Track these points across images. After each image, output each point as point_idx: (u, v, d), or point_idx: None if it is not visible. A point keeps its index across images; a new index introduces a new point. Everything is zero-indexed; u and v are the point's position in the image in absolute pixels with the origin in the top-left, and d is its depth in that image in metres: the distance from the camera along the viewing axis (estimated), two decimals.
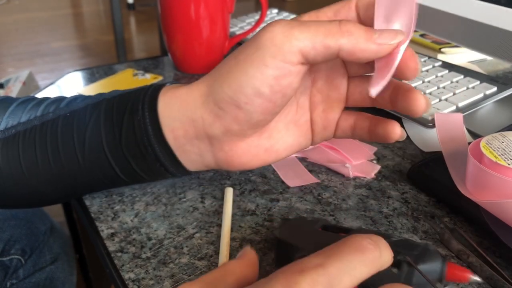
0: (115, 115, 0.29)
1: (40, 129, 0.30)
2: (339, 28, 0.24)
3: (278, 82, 0.25)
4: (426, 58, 0.55)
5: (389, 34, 0.24)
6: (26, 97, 0.34)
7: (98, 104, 0.31)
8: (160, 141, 0.29)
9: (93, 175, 0.31)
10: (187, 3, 0.54)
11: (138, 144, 0.29)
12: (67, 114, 0.31)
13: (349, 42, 0.23)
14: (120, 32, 1.83)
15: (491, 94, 0.46)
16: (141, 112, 0.29)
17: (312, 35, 0.24)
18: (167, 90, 0.29)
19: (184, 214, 0.34)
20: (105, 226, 0.33)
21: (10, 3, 3.10)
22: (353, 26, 0.24)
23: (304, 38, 0.24)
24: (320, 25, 0.24)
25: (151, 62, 0.63)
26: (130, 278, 0.29)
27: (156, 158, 0.29)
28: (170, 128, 0.28)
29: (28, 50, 2.33)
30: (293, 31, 0.24)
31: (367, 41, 0.24)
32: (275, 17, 0.73)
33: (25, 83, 1.54)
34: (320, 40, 0.24)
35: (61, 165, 0.30)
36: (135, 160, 0.30)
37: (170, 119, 0.28)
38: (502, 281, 0.28)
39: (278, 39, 0.24)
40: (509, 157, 0.31)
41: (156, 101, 0.29)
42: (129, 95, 0.30)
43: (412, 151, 0.42)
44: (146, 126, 0.28)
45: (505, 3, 0.42)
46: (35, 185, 0.31)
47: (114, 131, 0.29)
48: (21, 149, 0.30)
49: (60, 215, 0.70)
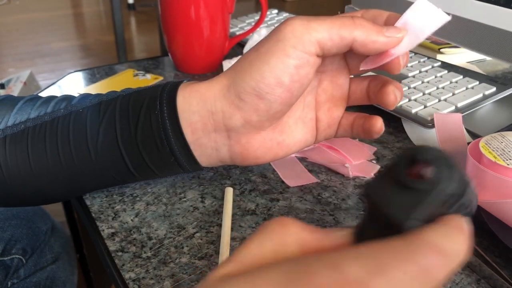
0: (131, 110, 0.30)
1: (51, 125, 0.31)
2: (352, 21, 0.27)
3: (297, 71, 0.27)
4: (426, 58, 0.55)
5: (394, 29, 0.27)
6: (33, 95, 0.34)
7: (112, 100, 0.31)
8: (178, 134, 0.30)
9: (104, 170, 0.31)
10: (187, 4, 0.54)
11: (155, 138, 0.30)
12: (80, 110, 0.31)
13: (362, 34, 0.26)
14: (121, 32, 1.83)
15: (490, 95, 0.46)
16: (159, 107, 0.30)
17: (329, 27, 0.26)
18: (186, 85, 0.31)
19: (185, 213, 0.34)
20: (105, 226, 0.33)
21: (11, 3, 3.10)
22: (364, 20, 0.27)
23: (322, 30, 0.26)
24: (335, 18, 0.27)
25: (151, 63, 0.63)
26: (131, 277, 0.29)
27: (172, 152, 0.30)
28: (188, 122, 0.30)
29: (28, 50, 2.33)
30: (311, 23, 0.26)
31: (378, 34, 0.27)
32: (275, 18, 0.73)
33: (26, 83, 1.54)
34: (336, 32, 0.26)
35: (72, 160, 0.30)
36: (149, 155, 0.31)
37: (189, 112, 0.30)
38: (501, 280, 0.28)
39: (299, 30, 0.26)
40: (508, 157, 0.31)
41: (175, 96, 0.30)
42: (146, 91, 0.31)
43: None
44: (164, 120, 0.30)
45: (504, 3, 0.42)
46: (42, 181, 0.31)
47: (130, 126, 0.30)
48: (30, 145, 0.30)
49: (61, 214, 0.70)
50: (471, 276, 0.29)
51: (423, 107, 0.45)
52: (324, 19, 0.27)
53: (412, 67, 0.53)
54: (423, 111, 0.44)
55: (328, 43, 0.27)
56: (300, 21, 0.27)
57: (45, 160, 0.30)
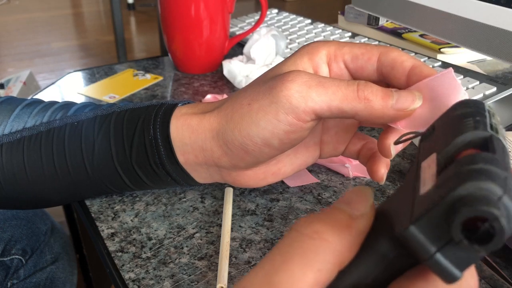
0: (125, 130, 0.30)
1: (46, 136, 0.30)
2: (356, 94, 0.23)
3: (288, 136, 0.25)
4: (426, 58, 0.55)
5: (406, 99, 0.23)
6: (31, 99, 0.34)
7: (107, 116, 0.31)
8: (172, 160, 0.30)
9: (101, 183, 0.31)
10: (187, 4, 0.54)
11: (149, 161, 0.30)
12: (75, 123, 0.31)
13: (365, 110, 0.23)
14: (121, 32, 1.83)
15: (491, 94, 0.46)
16: (153, 132, 0.29)
17: (330, 99, 0.24)
18: (179, 115, 0.29)
19: (184, 214, 0.34)
20: (105, 226, 0.33)
21: (10, 3, 3.10)
22: (371, 92, 0.23)
23: (321, 102, 0.24)
24: (339, 88, 0.24)
25: (151, 62, 0.63)
26: (130, 278, 0.29)
27: (168, 174, 0.31)
28: (181, 151, 0.29)
29: (28, 50, 2.33)
30: (310, 92, 0.24)
31: (383, 108, 0.23)
32: (275, 17, 0.73)
33: (26, 83, 1.54)
34: (336, 105, 0.24)
35: (68, 173, 0.30)
36: (145, 174, 0.31)
37: (182, 143, 0.29)
38: (501, 281, 0.28)
39: (295, 98, 0.24)
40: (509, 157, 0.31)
41: (169, 125, 0.29)
42: (140, 111, 0.31)
43: (412, 151, 0.42)
44: (158, 147, 0.29)
45: (505, 3, 0.42)
46: (38, 189, 0.31)
47: (125, 147, 0.30)
48: (26, 155, 0.30)
49: (61, 215, 0.70)
50: None
51: None
52: (326, 87, 0.24)
53: None
54: None
55: (326, 113, 0.24)
56: (299, 87, 0.24)
57: (41, 171, 0.30)
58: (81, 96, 0.54)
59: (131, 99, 0.53)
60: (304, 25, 0.69)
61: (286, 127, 0.25)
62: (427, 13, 0.49)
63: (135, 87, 0.56)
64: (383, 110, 0.23)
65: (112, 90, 0.55)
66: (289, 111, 0.24)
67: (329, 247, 0.14)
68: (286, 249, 0.14)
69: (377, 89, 0.24)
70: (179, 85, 0.57)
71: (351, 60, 0.26)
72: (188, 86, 0.56)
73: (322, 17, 0.77)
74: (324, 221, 0.15)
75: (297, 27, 0.68)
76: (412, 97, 0.23)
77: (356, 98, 0.23)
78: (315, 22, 0.70)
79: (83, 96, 0.54)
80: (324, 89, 0.24)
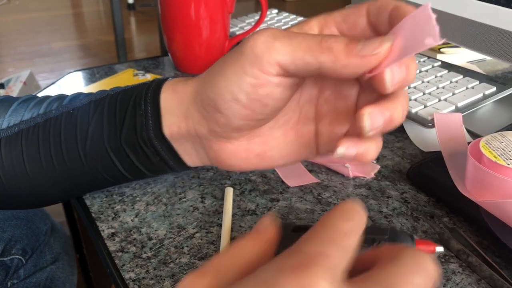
0: (118, 109, 0.30)
1: (43, 127, 0.30)
2: (319, 44, 0.22)
3: (255, 90, 0.24)
4: (426, 58, 0.55)
5: (373, 43, 0.22)
6: (27, 96, 0.34)
7: (101, 100, 0.31)
8: (159, 135, 0.29)
9: (96, 172, 0.31)
10: (187, 3, 0.54)
11: (137, 139, 0.29)
12: (70, 111, 0.31)
13: (328, 59, 0.22)
14: (121, 32, 1.83)
15: (491, 94, 0.46)
16: (144, 105, 0.29)
17: (293, 50, 0.23)
18: (169, 84, 0.30)
19: (185, 214, 0.34)
20: (105, 226, 0.33)
21: (11, 3, 3.10)
22: (334, 41, 0.22)
23: (284, 52, 0.23)
24: (304, 39, 0.23)
25: (151, 62, 0.63)
26: (131, 277, 0.29)
27: (156, 151, 0.30)
28: (168, 124, 0.29)
29: (28, 50, 2.33)
30: (275, 42, 0.23)
31: (347, 56, 0.22)
32: (275, 17, 0.73)
33: (26, 83, 1.54)
34: (300, 56, 0.22)
35: (64, 163, 0.30)
36: (135, 154, 0.30)
37: (169, 114, 0.29)
38: (501, 280, 0.28)
39: (259, 48, 0.23)
40: (509, 157, 0.31)
41: (159, 95, 0.29)
42: (133, 89, 0.31)
43: (412, 151, 0.42)
44: (147, 120, 0.29)
45: (504, 3, 0.42)
46: (38, 184, 0.31)
47: (116, 125, 0.29)
48: (25, 148, 0.30)
49: (61, 215, 0.70)
50: (471, 276, 0.29)
51: (423, 107, 0.45)
52: (291, 39, 0.23)
53: None
54: (423, 111, 0.44)
55: (291, 67, 0.23)
56: (264, 37, 0.23)
57: (39, 163, 0.30)
58: None
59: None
60: None
61: (252, 80, 0.24)
62: None
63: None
64: (348, 58, 0.22)
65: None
66: (254, 62, 0.24)
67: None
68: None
69: (342, 38, 0.22)
70: None
71: (343, 20, 0.25)
72: None
73: None
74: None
75: None
76: (379, 41, 0.22)
77: (319, 48, 0.22)
78: None
79: None
80: (289, 40, 0.23)
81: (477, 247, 0.30)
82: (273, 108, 0.26)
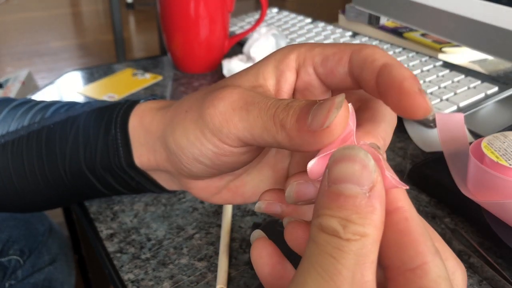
0: (92, 131, 0.29)
1: (27, 140, 0.30)
2: (273, 121, 0.19)
3: (218, 158, 0.22)
4: (427, 57, 0.54)
5: (321, 111, 0.17)
6: (21, 100, 0.33)
7: (78, 117, 0.30)
8: (131, 164, 0.28)
9: (78, 189, 0.30)
10: (186, 3, 0.53)
11: (112, 165, 0.28)
12: (51, 125, 0.30)
13: (284, 139, 0.19)
14: (120, 31, 1.83)
15: (492, 94, 0.46)
16: (114, 131, 0.28)
17: (250, 127, 0.20)
18: (137, 112, 0.28)
19: (184, 214, 0.34)
20: (104, 227, 0.33)
21: (9, 2, 3.09)
22: (286, 115, 0.18)
23: (242, 129, 0.20)
24: (260, 114, 0.20)
25: (150, 62, 0.63)
26: (130, 279, 0.29)
27: (131, 177, 0.29)
28: (138, 153, 0.27)
29: (27, 50, 2.33)
30: (233, 116, 0.20)
31: (299, 133, 0.18)
32: (275, 16, 0.73)
33: (24, 82, 1.53)
34: (258, 134, 0.20)
35: (47, 179, 0.30)
36: (112, 177, 0.29)
37: (138, 143, 0.27)
38: (503, 281, 0.28)
39: (217, 120, 0.21)
40: (511, 157, 0.31)
41: (127, 123, 0.27)
42: (106, 109, 0.29)
43: (413, 151, 0.42)
44: (118, 148, 0.28)
45: (506, 2, 0.41)
46: (25, 195, 0.31)
47: (91, 147, 0.29)
48: (10, 160, 0.30)
49: (59, 215, 0.69)
50: (473, 277, 0.29)
51: None
52: (249, 112, 0.20)
53: (413, 66, 0.52)
54: None
55: (252, 142, 0.21)
56: (224, 107, 0.21)
57: (25, 176, 0.30)
58: (80, 95, 0.54)
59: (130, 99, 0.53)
60: (305, 24, 0.69)
61: (214, 148, 0.22)
62: (428, 12, 0.49)
63: (134, 86, 0.56)
64: (300, 135, 0.18)
65: (111, 89, 0.55)
66: (214, 132, 0.21)
67: (374, 240, 0.14)
68: (331, 263, 0.14)
69: (294, 110, 0.18)
70: (178, 85, 0.57)
71: (321, 63, 0.21)
72: (187, 85, 0.56)
73: (322, 16, 0.77)
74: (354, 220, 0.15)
75: (297, 26, 0.68)
76: (328, 106, 0.17)
77: (274, 125, 0.19)
78: (316, 21, 0.70)
79: (82, 95, 0.54)
80: (247, 113, 0.20)
81: (478, 248, 0.30)
82: (241, 166, 0.24)
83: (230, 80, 0.23)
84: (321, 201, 0.15)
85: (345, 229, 0.14)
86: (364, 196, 0.15)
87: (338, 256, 0.14)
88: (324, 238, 0.15)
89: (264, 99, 0.20)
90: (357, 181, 0.15)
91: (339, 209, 0.15)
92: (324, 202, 0.15)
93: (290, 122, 0.18)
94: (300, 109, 0.18)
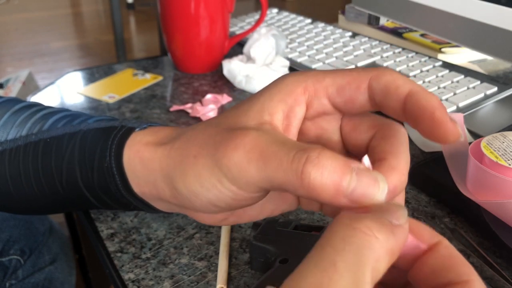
0: (87, 153, 0.28)
1: (24, 151, 0.30)
2: (299, 176, 0.18)
3: (236, 203, 0.22)
4: (427, 57, 0.54)
5: (366, 181, 0.17)
6: (23, 103, 0.33)
7: (74, 134, 0.29)
8: (130, 192, 0.27)
9: (75, 203, 0.30)
10: (187, 3, 0.54)
11: (110, 189, 0.28)
12: (48, 139, 0.30)
13: (309, 194, 0.18)
14: (120, 32, 1.83)
15: (492, 94, 0.46)
16: (108, 159, 0.27)
17: (269, 177, 0.19)
18: (133, 143, 0.27)
19: (184, 214, 0.34)
20: (104, 227, 0.33)
21: (10, 2, 3.09)
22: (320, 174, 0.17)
23: (261, 179, 0.20)
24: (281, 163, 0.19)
25: (151, 62, 0.63)
26: (130, 278, 0.29)
27: (129, 202, 0.28)
28: (136, 184, 0.27)
29: (27, 50, 2.33)
30: (250, 167, 0.20)
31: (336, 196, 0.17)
32: (275, 17, 0.73)
33: (25, 83, 1.54)
34: (278, 185, 0.19)
35: (43, 190, 0.30)
36: (110, 199, 0.29)
37: (134, 175, 0.26)
38: (502, 281, 0.28)
39: (235, 171, 0.20)
40: (510, 157, 0.31)
41: (122, 154, 0.27)
42: (103, 132, 0.29)
43: (412, 151, 0.42)
44: (114, 176, 0.27)
45: (506, 2, 0.41)
46: (22, 202, 0.31)
47: (87, 172, 0.28)
48: (8, 168, 0.30)
49: (60, 215, 0.69)
50: None
51: None
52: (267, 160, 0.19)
53: (413, 67, 0.52)
54: None
55: (271, 189, 0.20)
56: (238, 158, 0.20)
57: (21, 185, 0.30)
58: (81, 96, 0.54)
59: (131, 99, 0.53)
60: (304, 24, 0.69)
61: (232, 195, 0.21)
62: (428, 13, 0.49)
63: (134, 86, 0.56)
64: (335, 198, 0.17)
65: (112, 90, 0.55)
66: (232, 181, 0.21)
67: (382, 245, 0.14)
68: (340, 244, 0.14)
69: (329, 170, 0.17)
70: (178, 85, 0.57)
71: (337, 93, 0.21)
72: (187, 86, 0.56)
73: (322, 16, 0.77)
74: (372, 219, 0.15)
75: (297, 26, 0.68)
76: (372, 179, 0.17)
77: (299, 180, 0.18)
78: (315, 22, 0.70)
79: (83, 96, 0.54)
80: (264, 164, 0.19)
81: (478, 247, 0.30)
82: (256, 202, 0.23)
83: (233, 119, 0.23)
84: None
85: (357, 221, 0.15)
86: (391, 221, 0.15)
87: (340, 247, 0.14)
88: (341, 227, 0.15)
89: (282, 148, 0.19)
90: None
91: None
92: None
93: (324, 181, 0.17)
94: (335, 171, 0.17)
